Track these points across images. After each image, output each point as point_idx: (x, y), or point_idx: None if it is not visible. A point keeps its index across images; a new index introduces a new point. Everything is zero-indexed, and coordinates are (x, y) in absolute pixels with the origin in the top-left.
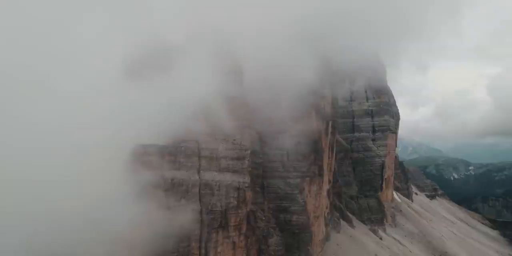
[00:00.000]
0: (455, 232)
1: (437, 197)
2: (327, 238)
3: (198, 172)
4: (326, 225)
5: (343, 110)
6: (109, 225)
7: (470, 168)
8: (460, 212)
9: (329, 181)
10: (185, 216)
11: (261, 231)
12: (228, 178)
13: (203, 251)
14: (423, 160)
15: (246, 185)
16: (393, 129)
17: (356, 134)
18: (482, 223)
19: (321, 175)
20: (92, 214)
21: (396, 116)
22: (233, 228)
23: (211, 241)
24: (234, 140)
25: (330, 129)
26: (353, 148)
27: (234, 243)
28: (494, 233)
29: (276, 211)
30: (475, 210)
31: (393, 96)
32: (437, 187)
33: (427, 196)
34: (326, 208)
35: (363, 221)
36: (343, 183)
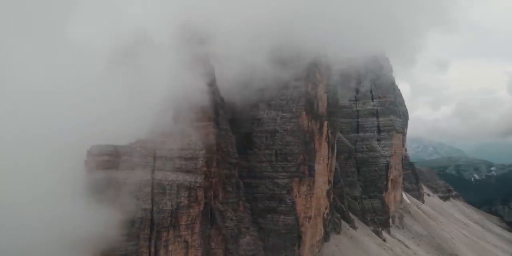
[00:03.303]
0: (467, 234)
1: (451, 199)
2: (325, 239)
3: (152, 172)
4: (325, 225)
5: (347, 110)
6: (60, 223)
7: (492, 168)
8: (475, 214)
9: (329, 182)
10: (135, 215)
11: (230, 231)
12: (180, 178)
13: (152, 249)
14: (443, 160)
15: (198, 185)
16: (399, 129)
17: (361, 134)
18: (499, 226)
19: (312, 175)
20: (43, 213)
21: (403, 116)
22: (185, 227)
23: (161, 240)
24: (190, 140)
25: (326, 129)
26: (357, 148)
27: (186, 242)
28: (511, 235)
29: (264, 211)
30: (495, 212)
31: (400, 96)
32: (451, 188)
33: (441, 198)
34: (326, 209)
35: (366, 223)
36: (347, 183)
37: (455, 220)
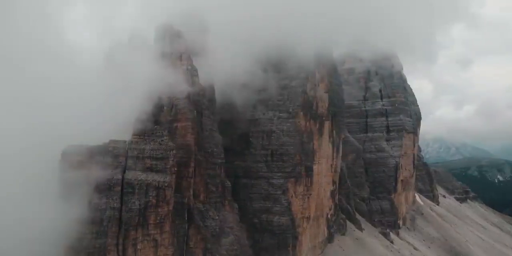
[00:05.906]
0: (484, 237)
1: (468, 200)
2: (329, 239)
3: (124, 172)
4: (329, 226)
5: (356, 109)
6: (31, 220)
7: None
8: (494, 216)
9: (334, 182)
10: (104, 214)
11: (211, 230)
12: (149, 177)
13: (120, 247)
14: (466, 161)
15: (167, 184)
16: (410, 128)
17: (369, 134)
18: None
19: (309, 176)
20: (15, 211)
21: (415, 115)
22: (154, 226)
23: (129, 238)
24: (162, 140)
25: (327, 129)
26: (365, 149)
27: (156, 241)
28: None
29: (259, 211)
30: None
31: (412, 95)
32: (469, 189)
33: (457, 199)
34: (330, 209)
35: (374, 224)
36: (355, 184)
37: (472, 222)
